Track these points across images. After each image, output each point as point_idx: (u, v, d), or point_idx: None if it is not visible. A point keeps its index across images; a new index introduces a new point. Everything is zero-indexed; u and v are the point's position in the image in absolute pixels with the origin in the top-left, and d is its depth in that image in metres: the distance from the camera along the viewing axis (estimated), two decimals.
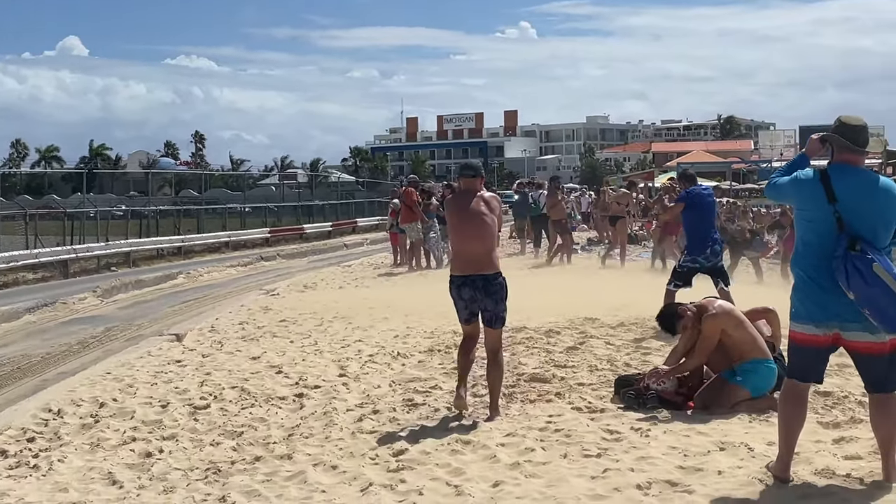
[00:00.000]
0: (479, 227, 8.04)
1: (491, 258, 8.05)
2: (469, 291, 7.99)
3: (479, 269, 7.99)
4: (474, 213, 8.06)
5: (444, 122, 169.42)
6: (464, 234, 8.15)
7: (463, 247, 8.18)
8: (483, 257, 8.02)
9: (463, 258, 8.14)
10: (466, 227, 8.10)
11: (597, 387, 8.90)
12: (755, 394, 7.76)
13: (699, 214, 11.86)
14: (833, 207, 5.56)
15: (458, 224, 8.27)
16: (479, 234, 8.03)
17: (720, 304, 8.48)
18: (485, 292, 7.99)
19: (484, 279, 7.99)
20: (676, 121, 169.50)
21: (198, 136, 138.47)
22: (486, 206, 8.12)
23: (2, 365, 13.88)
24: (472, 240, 8.06)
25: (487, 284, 7.99)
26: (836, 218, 5.54)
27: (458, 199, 8.44)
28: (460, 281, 8.04)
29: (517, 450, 6.95)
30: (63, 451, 7.76)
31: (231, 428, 8.18)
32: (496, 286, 8.03)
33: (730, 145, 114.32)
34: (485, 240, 8.04)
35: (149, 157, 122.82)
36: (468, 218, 8.08)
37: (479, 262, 8.01)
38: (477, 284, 7.97)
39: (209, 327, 14.43)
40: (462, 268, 8.09)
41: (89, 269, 31.33)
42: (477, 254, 8.01)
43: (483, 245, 8.03)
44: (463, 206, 8.20)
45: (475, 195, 8.19)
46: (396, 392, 9.14)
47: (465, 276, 8.01)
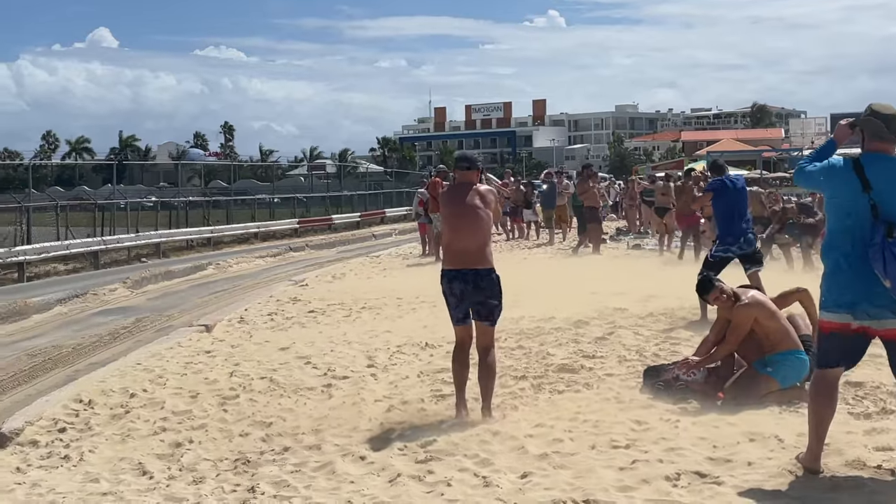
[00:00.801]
0: (472, 221, 7.78)
1: (484, 253, 7.79)
2: (460, 286, 7.73)
3: (471, 264, 7.73)
4: (468, 206, 7.81)
5: (473, 112, 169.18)
6: (456, 228, 7.87)
7: (455, 240, 7.88)
8: (476, 252, 7.74)
9: (455, 252, 7.85)
10: (460, 220, 7.84)
11: (625, 377, 8.87)
12: (786, 385, 7.71)
13: (729, 203, 11.77)
14: (868, 196, 5.52)
15: (451, 217, 7.99)
16: (473, 228, 7.77)
17: (753, 294, 8.42)
18: (475, 288, 7.71)
19: (476, 274, 7.72)
20: (706, 109, 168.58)
21: (227, 127, 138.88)
22: (480, 199, 7.84)
23: (33, 356, 13.99)
24: (464, 234, 7.80)
25: (479, 280, 7.72)
26: (871, 206, 5.49)
27: (453, 191, 8.20)
28: (452, 275, 7.79)
29: (545, 440, 6.93)
30: (94, 442, 7.82)
31: (260, 418, 8.21)
32: (488, 282, 7.75)
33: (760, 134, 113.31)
34: (478, 234, 7.78)
35: (178, 149, 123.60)
36: (462, 211, 7.83)
37: (472, 256, 7.74)
38: (468, 279, 7.71)
39: (238, 318, 14.48)
40: (453, 262, 7.82)
41: (120, 259, 31.55)
42: (469, 248, 7.74)
43: (475, 239, 7.76)
44: (457, 199, 7.94)
45: (470, 188, 7.92)
46: (425, 383, 9.14)
47: (457, 270, 7.76)
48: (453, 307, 7.85)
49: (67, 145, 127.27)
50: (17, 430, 8.19)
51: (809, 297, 8.23)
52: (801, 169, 6.03)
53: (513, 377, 9.10)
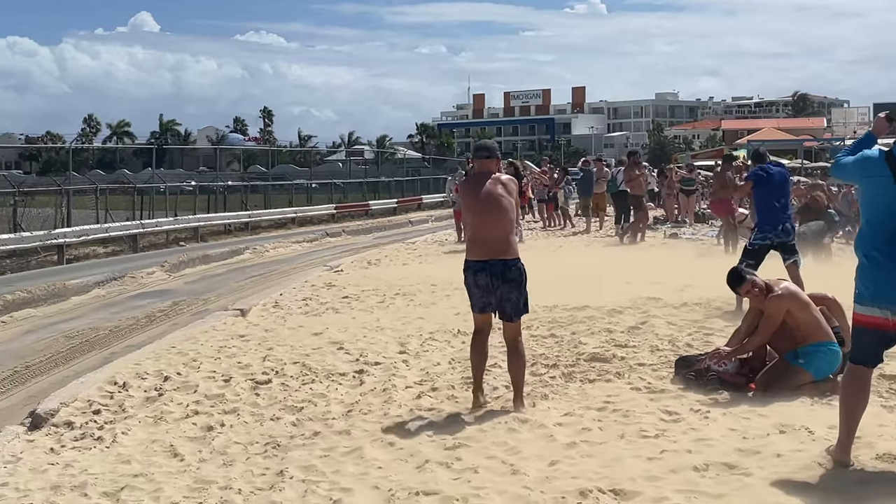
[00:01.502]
0: (496, 210, 7.59)
1: (510, 242, 7.63)
2: (485, 278, 7.54)
3: (497, 255, 7.54)
4: (491, 195, 7.62)
5: (511, 99, 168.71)
6: (481, 218, 7.65)
7: (480, 231, 7.65)
8: (502, 242, 7.57)
9: (481, 243, 7.63)
10: (483, 210, 7.63)
11: (657, 367, 8.84)
12: (818, 376, 7.65)
13: (769, 192, 11.67)
14: None
15: (474, 207, 7.74)
16: (497, 217, 7.59)
17: (786, 285, 8.35)
18: (503, 279, 7.53)
19: (503, 265, 7.54)
20: (748, 98, 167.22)
21: (266, 112, 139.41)
22: (503, 188, 7.68)
23: (71, 338, 14.15)
24: (489, 224, 7.59)
25: (506, 271, 7.54)
26: None
27: (473, 181, 7.96)
28: (478, 266, 7.58)
29: (574, 429, 6.93)
30: (127, 424, 7.89)
31: (291, 403, 8.25)
32: (515, 272, 7.57)
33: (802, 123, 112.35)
34: (503, 223, 7.60)
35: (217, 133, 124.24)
36: (485, 201, 7.62)
37: (498, 246, 7.55)
38: (495, 270, 7.52)
39: (273, 302, 14.57)
40: (479, 253, 7.60)
41: (158, 243, 31.84)
42: (495, 238, 7.56)
43: (502, 229, 7.59)
44: (478, 188, 7.73)
45: (490, 177, 7.75)
46: (456, 370, 9.15)
47: (483, 261, 7.56)
48: (477, 297, 7.67)
49: (108, 129, 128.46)
50: (52, 411, 8.28)
51: (839, 306, 8.13)
52: (837, 161, 5.97)
53: (544, 365, 9.09)
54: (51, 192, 31.34)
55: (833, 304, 8.14)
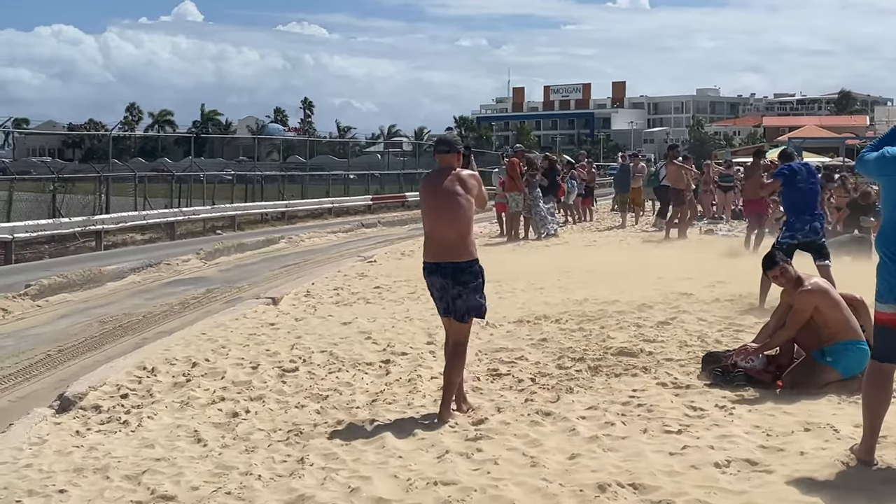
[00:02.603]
0: (452, 209, 7.23)
1: (465, 244, 7.25)
2: (439, 280, 7.28)
3: (450, 257, 7.21)
4: (448, 193, 7.25)
5: (551, 93, 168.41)
6: (435, 217, 7.31)
7: (434, 230, 7.32)
8: (456, 243, 7.21)
9: (434, 243, 7.32)
10: (439, 208, 7.28)
11: (685, 363, 8.78)
12: (846, 375, 7.57)
13: (796, 190, 11.61)
14: None
15: (430, 205, 7.39)
16: (452, 216, 7.22)
17: (816, 281, 8.28)
18: (454, 281, 7.22)
19: (455, 267, 7.21)
20: (790, 94, 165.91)
21: (306, 103, 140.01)
22: (461, 185, 7.28)
23: (105, 322, 14.27)
24: (443, 223, 7.25)
25: (459, 273, 7.21)
26: None
27: (433, 177, 7.57)
28: (431, 268, 7.33)
29: (597, 423, 6.90)
30: (154, 409, 7.94)
31: (317, 391, 8.28)
32: (470, 275, 7.24)
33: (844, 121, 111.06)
34: (458, 223, 7.22)
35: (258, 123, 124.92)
36: (441, 199, 7.27)
37: (452, 247, 7.21)
38: (447, 273, 7.22)
39: (305, 292, 14.62)
40: (433, 254, 7.32)
41: (195, 231, 32.05)
42: (449, 239, 7.22)
43: (455, 229, 7.21)
44: (436, 185, 7.36)
45: (450, 173, 7.36)
46: (482, 361, 9.15)
47: (436, 263, 7.28)
48: (437, 300, 7.46)
49: (150, 118, 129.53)
50: (80, 394, 8.35)
51: (865, 307, 8.02)
52: (861, 157, 5.89)
53: (571, 359, 9.07)
54: (90, 178, 31.63)
55: (860, 304, 8.03)
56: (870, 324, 7.43)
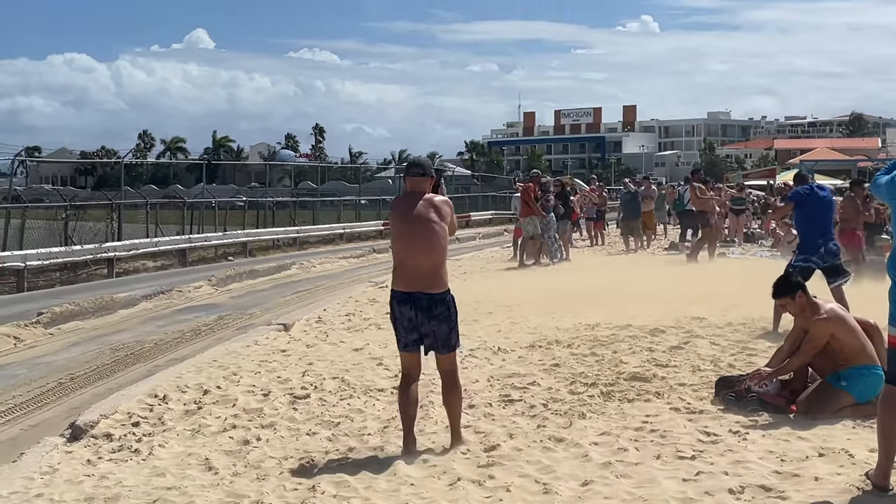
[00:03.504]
0: (425, 236, 6.92)
1: (439, 274, 6.95)
2: (410, 311, 6.94)
3: (423, 287, 6.91)
4: (420, 219, 6.95)
5: (562, 117, 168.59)
6: (408, 244, 6.99)
7: (407, 258, 6.99)
8: (430, 273, 6.92)
9: (406, 271, 6.99)
10: (411, 235, 6.98)
11: (698, 387, 8.73)
12: (861, 399, 7.50)
13: (810, 213, 11.56)
14: None
15: (401, 231, 7.10)
16: (426, 244, 6.91)
17: (832, 307, 8.21)
18: (428, 314, 6.92)
19: (429, 299, 6.92)
20: (801, 117, 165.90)
21: (318, 129, 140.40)
22: (435, 212, 6.98)
23: (116, 350, 14.26)
24: (417, 251, 6.92)
25: (433, 305, 6.92)
26: None
27: (404, 202, 7.21)
28: (402, 297, 6.98)
29: (610, 449, 6.86)
30: (165, 437, 7.93)
31: (328, 418, 8.26)
32: (442, 307, 6.95)
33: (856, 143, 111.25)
34: (433, 252, 6.92)
35: (269, 149, 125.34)
36: (415, 225, 6.97)
37: (425, 277, 6.91)
38: (421, 304, 6.91)
39: (316, 318, 14.61)
40: (404, 283, 6.98)
41: (207, 257, 32.10)
42: (422, 268, 6.91)
43: (430, 258, 6.91)
44: (408, 211, 7.05)
45: (422, 198, 7.06)
46: (494, 387, 9.11)
47: (408, 293, 6.94)
48: (401, 332, 7.06)
49: (162, 145, 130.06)
50: (91, 422, 8.34)
51: (879, 333, 7.96)
52: (874, 180, 5.87)
53: (583, 384, 9.03)
54: (102, 206, 31.73)
55: (874, 329, 7.97)
56: (883, 349, 7.39)
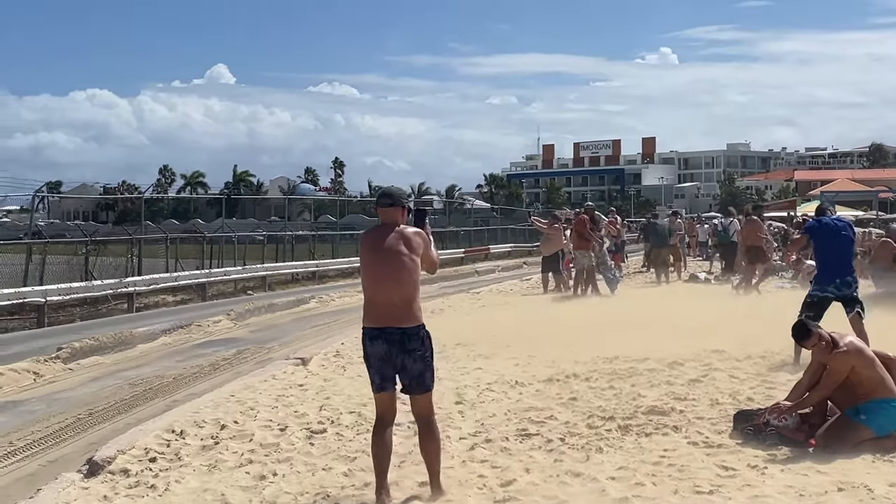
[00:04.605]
0: (395, 269, 6.68)
1: (411, 308, 6.69)
2: (383, 347, 6.66)
3: (396, 321, 6.64)
4: (391, 252, 6.71)
5: (581, 150, 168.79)
6: (377, 278, 6.73)
7: (376, 293, 6.73)
8: (401, 306, 6.64)
9: (377, 306, 6.71)
10: (382, 268, 6.72)
11: (716, 421, 8.69)
12: (880, 433, 7.46)
13: (825, 245, 11.55)
14: None
15: (370, 265, 6.83)
16: (395, 277, 6.66)
17: (851, 340, 8.18)
18: (402, 349, 6.66)
19: (401, 333, 6.65)
20: (821, 148, 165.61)
21: (337, 163, 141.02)
22: (405, 244, 6.75)
23: (135, 385, 14.28)
24: (387, 284, 6.67)
25: (406, 340, 6.66)
26: None
27: (374, 234, 6.94)
28: (374, 334, 6.70)
29: (627, 484, 6.82)
30: (181, 472, 7.92)
31: (345, 453, 8.25)
32: (416, 342, 6.70)
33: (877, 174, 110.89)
34: (402, 286, 6.66)
35: (289, 183, 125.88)
36: (384, 258, 6.72)
37: (397, 312, 6.64)
38: (393, 339, 6.63)
39: (334, 352, 14.61)
40: (375, 318, 6.71)
41: (226, 292, 32.18)
42: (393, 302, 6.64)
43: (399, 292, 6.65)
44: (377, 243, 6.80)
45: (393, 230, 6.83)
46: (511, 421, 9.09)
47: (380, 328, 6.68)
48: (374, 371, 6.81)
49: (183, 179, 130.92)
50: (109, 458, 8.34)
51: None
52: None
53: (601, 418, 8.99)
54: (122, 241, 31.90)
55: (893, 362, 7.93)
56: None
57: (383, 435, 6.84)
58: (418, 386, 6.78)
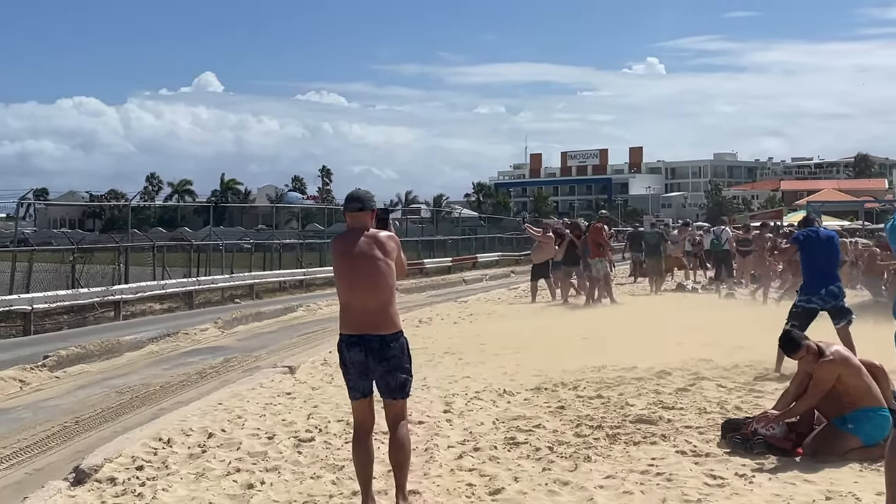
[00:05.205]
0: (370, 274, 6.52)
1: (388, 313, 6.56)
2: (360, 354, 6.53)
3: (373, 328, 6.50)
4: (365, 257, 6.55)
5: (568, 159, 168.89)
6: (353, 283, 6.57)
7: (352, 299, 6.58)
8: (378, 313, 6.51)
9: (353, 313, 6.57)
10: (355, 274, 6.55)
11: (704, 430, 8.70)
12: (868, 442, 7.48)
13: (811, 255, 11.62)
14: None
15: (344, 271, 6.65)
16: (371, 283, 6.51)
17: (837, 349, 8.21)
18: (380, 357, 6.53)
19: (380, 340, 6.51)
20: (807, 159, 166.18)
21: (324, 171, 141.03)
22: (379, 248, 6.59)
23: (122, 393, 14.25)
24: (363, 290, 6.51)
25: (384, 347, 6.53)
26: None
27: (345, 239, 6.73)
28: (352, 341, 6.57)
29: (615, 493, 6.83)
30: (169, 481, 7.88)
31: (333, 461, 8.22)
32: (395, 349, 6.57)
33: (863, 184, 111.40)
34: (379, 291, 6.51)
35: (277, 192, 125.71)
36: (358, 263, 6.55)
37: (374, 318, 6.50)
38: (372, 346, 6.50)
39: (322, 360, 14.57)
40: (352, 325, 6.57)
41: (214, 300, 32.12)
42: (369, 308, 6.50)
43: (376, 298, 6.51)
44: (349, 248, 6.63)
45: (364, 234, 6.65)
46: (499, 430, 9.08)
47: (358, 335, 6.54)
48: (352, 379, 6.69)
49: (170, 187, 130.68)
50: (95, 466, 8.30)
51: (885, 374, 7.95)
52: (887, 224, 5.84)
53: (589, 427, 8.99)
54: (109, 248, 31.80)
55: (880, 371, 7.96)
56: (888, 392, 7.38)
57: (365, 443, 6.73)
58: (396, 392, 6.66)
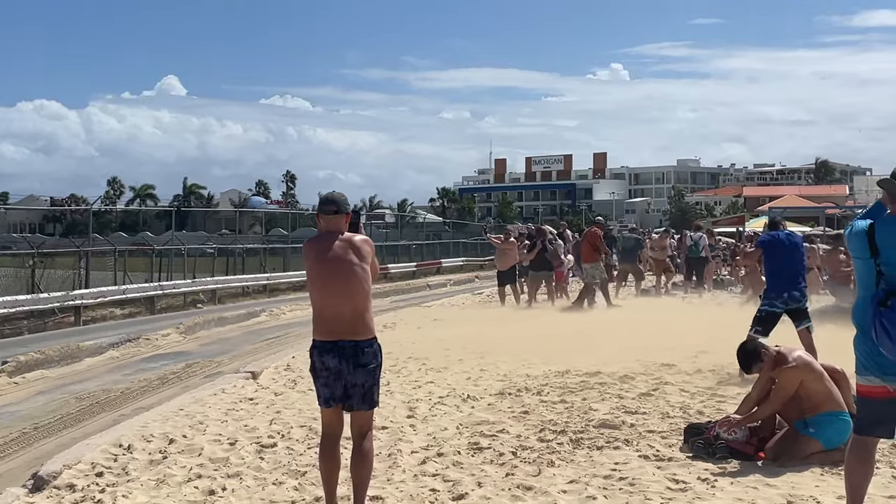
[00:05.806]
0: (344, 279, 6.38)
1: (363, 319, 6.40)
2: (334, 361, 6.35)
3: (348, 334, 6.35)
4: (340, 261, 6.41)
5: (533, 164, 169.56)
6: (327, 289, 6.42)
7: (325, 305, 6.43)
8: (353, 318, 6.36)
9: (327, 319, 6.41)
10: (328, 279, 6.41)
11: (667, 434, 8.73)
12: (828, 446, 7.52)
13: (777, 259, 11.67)
14: (874, 261, 5.36)
15: (318, 275, 6.49)
16: (345, 288, 6.37)
17: (799, 354, 8.25)
18: (355, 364, 6.35)
19: (354, 346, 6.35)
20: (769, 165, 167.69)
21: (289, 176, 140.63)
22: (354, 252, 6.45)
23: (82, 399, 14.10)
24: (337, 296, 6.37)
25: (359, 353, 6.37)
26: (876, 272, 5.34)
27: (318, 243, 6.59)
28: (325, 347, 6.39)
29: (578, 497, 6.83)
30: (129, 487, 7.79)
31: (295, 467, 8.17)
32: (369, 356, 6.40)
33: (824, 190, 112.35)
34: (354, 296, 6.37)
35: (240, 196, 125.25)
36: (333, 268, 6.41)
37: (348, 324, 6.34)
38: (346, 353, 6.33)
39: (285, 365, 14.50)
40: (327, 331, 6.40)
41: (175, 305, 31.88)
42: (344, 314, 6.35)
43: (351, 303, 6.36)
44: (323, 252, 6.48)
45: (338, 238, 6.52)
46: (463, 435, 9.06)
47: (332, 342, 6.37)
48: (322, 385, 6.48)
49: (132, 192, 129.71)
50: (54, 473, 8.20)
51: (846, 379, 8.00)
52: (847, 229, 5.85)
53: (552, 431, 8.99)
54: (70, 253, 31.52)
55: (841, 376, 8.00)
56: (849, 397, 7.43)
57: (332, 451, 6.60)
58: (365, 401, 6.46)
